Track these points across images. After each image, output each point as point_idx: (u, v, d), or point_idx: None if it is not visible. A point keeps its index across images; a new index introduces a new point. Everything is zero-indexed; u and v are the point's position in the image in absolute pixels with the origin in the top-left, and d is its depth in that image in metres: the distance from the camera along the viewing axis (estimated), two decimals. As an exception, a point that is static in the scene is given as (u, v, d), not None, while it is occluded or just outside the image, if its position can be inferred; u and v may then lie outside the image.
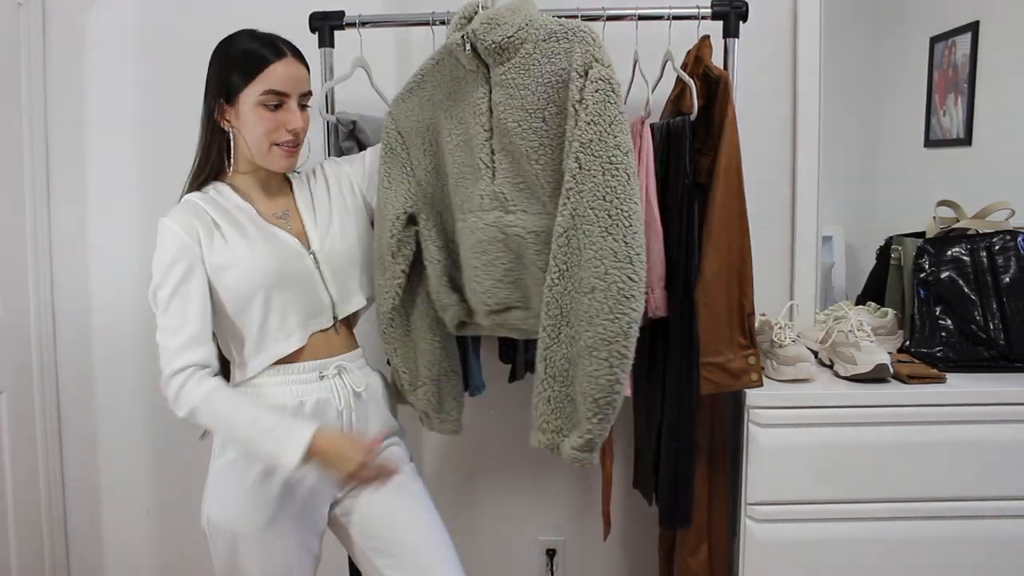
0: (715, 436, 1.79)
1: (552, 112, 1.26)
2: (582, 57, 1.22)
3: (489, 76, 1.30)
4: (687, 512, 1.72)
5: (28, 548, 2.05)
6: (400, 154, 1.44)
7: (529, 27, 1.27)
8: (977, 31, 2.09)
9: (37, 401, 2.09)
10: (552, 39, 1.25)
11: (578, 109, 1.21)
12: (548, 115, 1.26)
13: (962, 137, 2.14)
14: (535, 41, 1.26)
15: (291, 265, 1.38)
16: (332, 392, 1.39)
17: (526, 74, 1.26)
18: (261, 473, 1.34)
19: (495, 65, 1.29)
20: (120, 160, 2.10)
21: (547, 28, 1.26)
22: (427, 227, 1.44)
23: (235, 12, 2.02)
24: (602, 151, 1.20)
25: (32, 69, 2.03)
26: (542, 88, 1.25)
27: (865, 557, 1.67)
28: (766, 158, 1.97)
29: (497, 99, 1.29)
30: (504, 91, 1.28)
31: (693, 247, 1.63)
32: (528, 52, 1.26)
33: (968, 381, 1.70)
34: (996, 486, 1.64)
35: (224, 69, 1.38)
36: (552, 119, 1.26)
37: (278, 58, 1.36)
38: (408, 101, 1.43)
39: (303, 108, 1.39)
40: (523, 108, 1.27)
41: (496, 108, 1.29)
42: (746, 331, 1.63)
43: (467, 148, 1.33)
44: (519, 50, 1.27)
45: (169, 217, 1.36)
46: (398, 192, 1.43)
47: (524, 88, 1.26)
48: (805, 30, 1.95)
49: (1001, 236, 1.82)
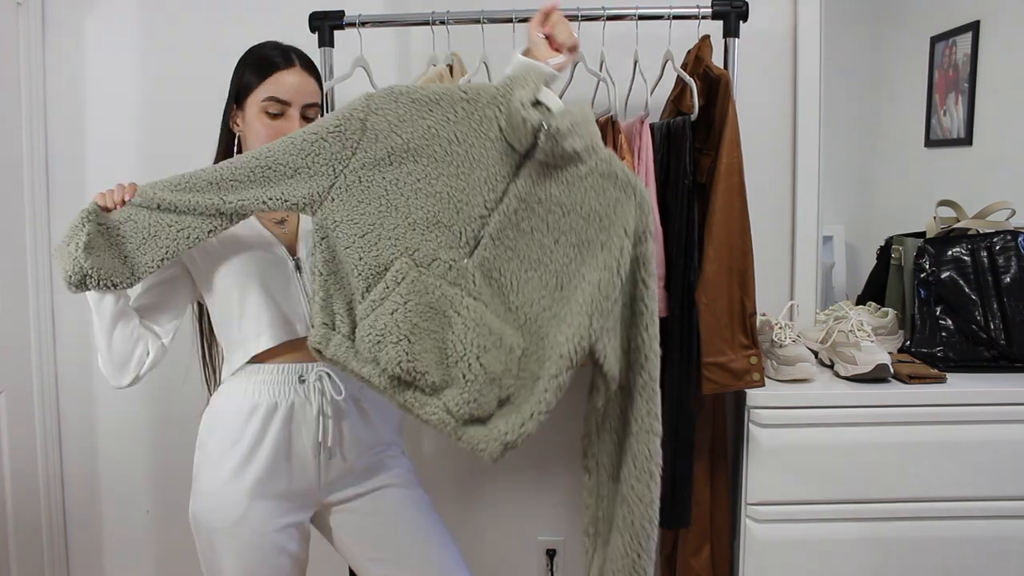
0: (716, 436, 1.80)
1: (570, 240, 1.19)
2: (637, 221, 1.18)
3: (523, 164, 1.21)
4: (686, 513, 1.71)
5: (28, 548, 2.05)
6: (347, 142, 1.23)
7: (595, 153, 1.20)
8: (978, 31, 2.09)
9: (37, 401, 2.09)
10: (609, 179, 1.19)
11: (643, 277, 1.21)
12: (563, 241, 1.19)
13: (962, 137, 2.14)
14: (592, 170, 1.19)
15: (268, 268, 1.38)
16: (310, 397, 1.39)
17: (567, 192, 1.19)
18: (234, 468, 1.35)
19: (540, 163, 1.19)
20: (119, 159, 2.10)
21: (610, 166, 1.19)
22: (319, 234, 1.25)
23: (235, 12, 2.02)
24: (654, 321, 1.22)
25: (32, 69, 2.03)
26: (575, 215, 1.19)
27: (865, 557, 1.67)
28: (766, 158, 1.97)
29: (522, 192, 1.20)
30: (535, 191, 1.19)
31: (693, 247, 1.63)
32: (580, 175, 1.19)
33: (968, 381, 1.70)
34: (996, 486, 1.64)
35: (238, 73, 1.41)
36: (565, 247, 1.20)
37: (285, 67, 1.37)
38: (402, 109, 1.24)
39: (308, 120, 1.38)
40: (544, 220, 1.19)
41: (515, 199, 1.20)
42: (748, 331, 1.63)
43: (447, 206, 1.21)
44: (573, 165, 1.19)
45: None
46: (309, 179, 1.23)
47: (556, 204, 1.19)
48: (805, 30, 1.95)
49: (1002, 236, 1.82)
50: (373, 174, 1.22)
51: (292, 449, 1.37)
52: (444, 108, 1.23)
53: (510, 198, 1.20)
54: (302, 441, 1.37)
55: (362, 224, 1.22)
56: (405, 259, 1.20)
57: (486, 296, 1.20)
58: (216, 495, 1.36)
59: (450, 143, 1.22)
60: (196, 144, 1.57)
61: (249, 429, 1.35)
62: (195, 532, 1.39)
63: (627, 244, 1.17)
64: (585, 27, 1.70)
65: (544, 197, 1.19)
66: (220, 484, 1.36)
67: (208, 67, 1.53)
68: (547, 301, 1.20)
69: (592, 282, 1.17)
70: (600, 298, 1.16)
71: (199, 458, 1.41)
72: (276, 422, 1.36)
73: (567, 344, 1.16)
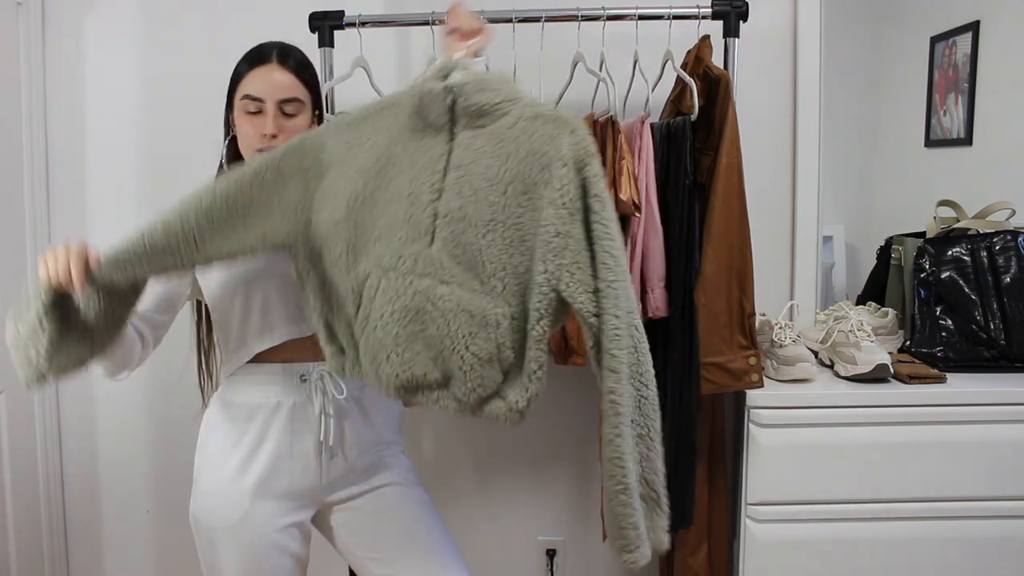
0: (715, 436, 1.80)
1: (516, 189, 1.17)
2: (573, 149, 1.15)
3: (453, 136, 1.22)
4: (688, 513, 1.72)
5: (28, 548, 2.05)
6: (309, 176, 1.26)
7: (516, 101, 1.21)
8: (978, 30, 2.09)
9: (37, 401, 2.09)
10: (540, 120, 1.19)
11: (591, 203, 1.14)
12: (510, 191, 1.17)
13: (962, 137, 2.14)
14: (518, 116, 1.20)
15: (275, 265, 1.38)
16: (312, 397, 1.39)
17: (499, 145, 1.19)
18: (236, 468, 1.35)
19: (465, 128, 1.22)
20: (120, 160, 2.10)
21: (535, 108, 1.20)
22: (305, 267, 1.27)
23: (235, 13, 2.02)
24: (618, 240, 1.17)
25: (32, 69, 2.03)
26: (514, 163, 1.17)
27: (865, 557, 1.67)
28: (766, 158, 1.97)
29: (457, 162, 1.20)
30: (468, 155, 1.20)
31: (693, 247, 1.63)
32: (508, 124, 1.19)
33: (968, 381, 1.70)
34: (996, 486, 1.64)
35: (232, 75, 1.41)
36: (513, 196, 1.17)
37: (259, 64, 1.37)
38: (342, 133, 1.28)
39: (288, 116, 1.38)
40: (485, 177, 1.18)
41: (453, 171, 1.20)
42: (747, 331, 1.63)
43: (403, 203, 1.21)
44: (498, 120, 1.20)
45: None
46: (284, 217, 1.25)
47: (493, 158, 1.18)
48: (805, 30, 1.95)
49: (1002, 236, 1.82)
50: (334, 199, 1.24)
51: (294, 449, 1.37)
52: (375, 119, 1.27)
53: (451, 172, 1.20)
54: (304, 441, 1.37)
55: (335, 248, 1.24)
56: (375, 270, 1.20)
57: (459, 276, 1.18)
58: (217, 495, 1.36)
59: (389, 146, 1.24)
60: (196, 144, 1.57)
61: (251, 429, 1.35)
62: (195, 532, 1.39)
63: (568, 172, 1.14)
64: (585, 27, 1.70)
65: (479, 156, 1.19)
66: (222, 484, 1.36)
67: (208, 67, 1.53)
68: (516, 259, 1.17)
69: (544, 221, 1.14)
70: (549, 236, 1.13)
71: (200, 458, 1.41)
72: (278, 422, 1.36)
73: (533, 298, 1.15)
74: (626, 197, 1.61)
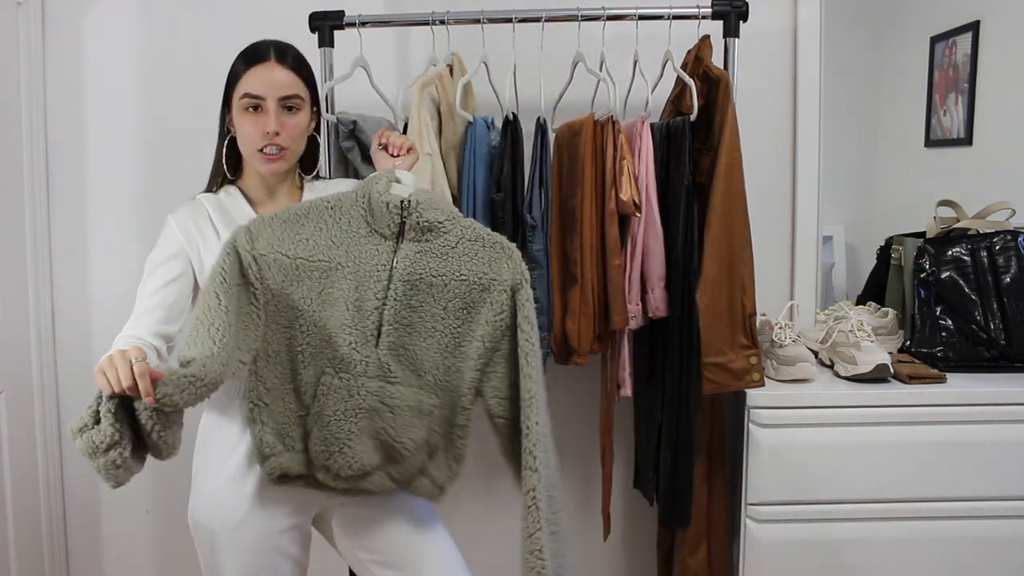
0: (715, 436, 1.80)
1: (457, 305, 1.33)
2: (511, 274, 1.33)
3: (398, 247, 1.32)
4: (686, 512, 1.72)
5: (28, 548, 2.05)
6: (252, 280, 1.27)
7: (457, 220, 1.34)
8: (978, 31, 2.09)
9: (37, 401, 2.09)
10: (478, 242, 1.33)
11: (520, 323, 1.32)
12: (451, 307, 1.33)
13: (962, 137, 2.14)
14: (459, 236, 1.33)
15: None
16: None
17: (442, 262, 1.32)
18: (235, 470, 1.35)
19: (410, 241, 1.32)
20: (119, 160, 2.10)
21: (474, 230, 1.34)
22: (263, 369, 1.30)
23: (235, 13, 2.02)
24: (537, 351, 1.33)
25: (32, 69, 2.03)
26: (455, 282, 1.32)
27: (865, 557, 1.67)
28: (766, 158, 1.97)
29: (403, 274, 1.31)
30: (414, 268, 1.31)
31: (693, 247, 1.63)
32: (450, 243, 1.32)
33: (968, 381, 1.70)
34: (996, 486, 1.64)
35: (228, 75, 1.41)
36: (453, 312, 1.33)
37: (258, 62, 1.37)
38: (277, 231, 1.29)
39: (290, 111, 1.38)
40: (429, 293, 1.32)
41: (400, 282, 1.31)
42: (747, 331, 1.63)
43: (350, 307, 1.30)
44: (441, 237, 1.32)
45: (172, 213, 1.42)
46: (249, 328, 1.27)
47: (435, 275, 1.32)
48: (805, 30, 1.95)
49: (1001, 236, 1.82)
50: (280, 299, 1.30)
51: None
52: (314, 219, 1.33)
53: (396, 283, 1.31)
54: None
55: (288, 347, 1.31)
56: (328, 369, 1.30)
57: (402, 376, 1.32)
58: (217, 498, 1.36)
59: (330, 248, 1.31)
60: (196, 144, 1.57)
61: (251, 431, 1.35)
62: (194, 533, 1.38)
63: (506, 297, 1.33)
64: (585, 27, 1.70)
65: (424, 272, 1.31)
66: (221, 484, 1.35)
67: (208, 67, 1.52)
68: (450, 361, 1.34)
69: (479, 336, 1.33)
70: (485, 350, 1.33)
71: (199, 459, 1.40)
72: None
73: (465, 396, 1.34)
74: (626, 197, 1.61)
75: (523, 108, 1.75)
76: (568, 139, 1.71)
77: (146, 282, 1.39)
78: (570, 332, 1.68)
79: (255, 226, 1.30)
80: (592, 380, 1.96)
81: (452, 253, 1.32)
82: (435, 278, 1.31)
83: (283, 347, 1.31)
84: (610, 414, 1.81)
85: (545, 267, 1.69)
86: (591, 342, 1.68)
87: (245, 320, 1.27)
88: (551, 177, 1.71)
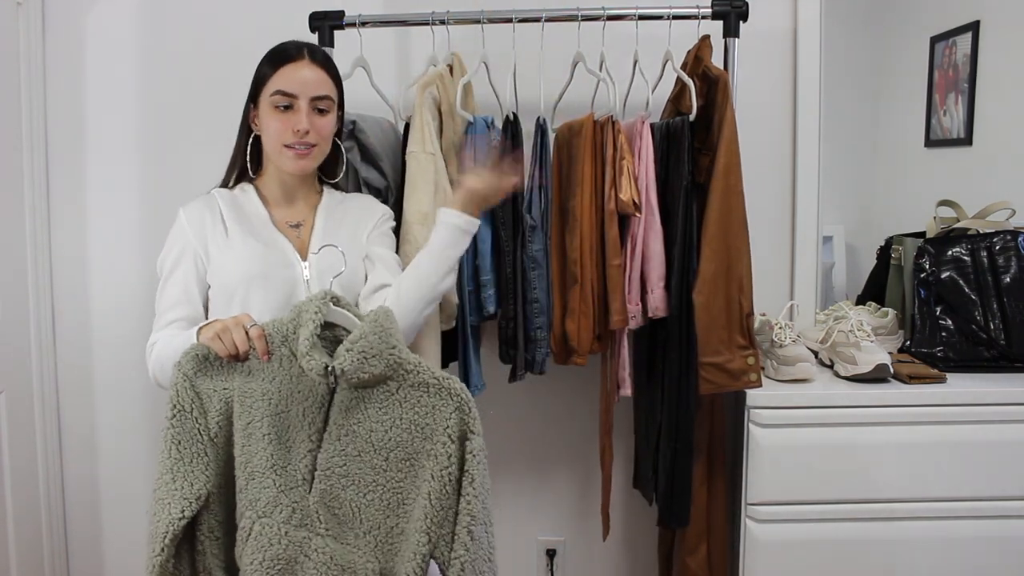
0: (715, 436, 1.80)
1: (398, 456, 1.21)
2: (458, 424, 1.20)
3: (334, 391, 1.23)
4: (685, 512, 1.71)
5: (28, 548, 2.05)
6: (195, 417, 1.21)
7: (399, 367, 1.21)
8: (978, 31, 2.09)
9: (37, 401, 2.09)
10: (421, 388, 1.21)
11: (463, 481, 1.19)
12: (392, 457, 1.21)
13: (962, 137, 2.14)
14: (400, 383, 1.22)
15: (277, 270, 1.39)
16: None
17: (383, 410, 1.21)
18: None
19: (348, 388, 1.22)
20: (119, 160, 2.10)
21: (418, 376, 1.21)
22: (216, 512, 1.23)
23: (235, 13, 2.02)
24: (486, 517, 1.22)
25: (32, 69, 2.03)
26: (397, 431, 1.21)
27: (865, 557, 1.67)
28: (766, 158, 1.97)
29: (339, 420, 1.21)
30: (351, 416, 1.21)
31: (692, 247, 1.63)
32: (390, 390, 1.22)
33: (968, 381, 1.70)
34: (996, 486, 1.64)
35: (256, 72, 1.42)
36: (395, 462, 1.21)
37: (291, 61, 1.38)
38: (214, 367, 1.23)
39: (321, 112, 1.39)
40: (368, 441, 1.21)
41: (335, 427, 1.21)
42: (745, 331, 1.63)
43: (278, 446, 1.21)
44: (381, 384, 1.22)
45: (183, 208, 1.44)
46: (196, 466, 1.20)
47: (376, 423, 1.21)
48: (805, 30, 1.94)
49: (1001, 236, 1.82)
50: (219, 434, 1.22)
51: None
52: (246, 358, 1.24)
53: (331, 427, 1.22)
54: None
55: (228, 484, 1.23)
56: (249, 513, 1.20)
57: (335, 529, 1.21)
58: None
59: (261, 383, 1.22)
60: (196, 144, 1.57)
61: None
62: None
63: (452, 449, 1.19)
64: (585, 27, 1.70)
65: (363, 419, 1.21)
66: None
67: (208, 67, 1.52)
68: (392, 520, 1.22)
69: (425, 494, 1.19)
70: (433, 510, 1.18)
71: None
72: None
73: (409, 564, 1.19)
74: (626, 197, 1.61)
75: (523, 108, 1.75)
76: (568, 139, 1.71)
77: (164, 290, 1.41)
78: (570, 332, 1.68)
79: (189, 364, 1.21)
80: (592, 380, 1.96)
81: (392, 400, 1.21)
82: (375, 425, 1.21)
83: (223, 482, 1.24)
84: (610, 414, 1.81)
85: (545, 267, 1.69)
86: (591, 342, 1.68)
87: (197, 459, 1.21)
88: (551, 177, 1.71)
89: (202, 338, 1.23)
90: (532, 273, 1.68)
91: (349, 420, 1.21)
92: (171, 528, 1.16)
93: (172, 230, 1.43)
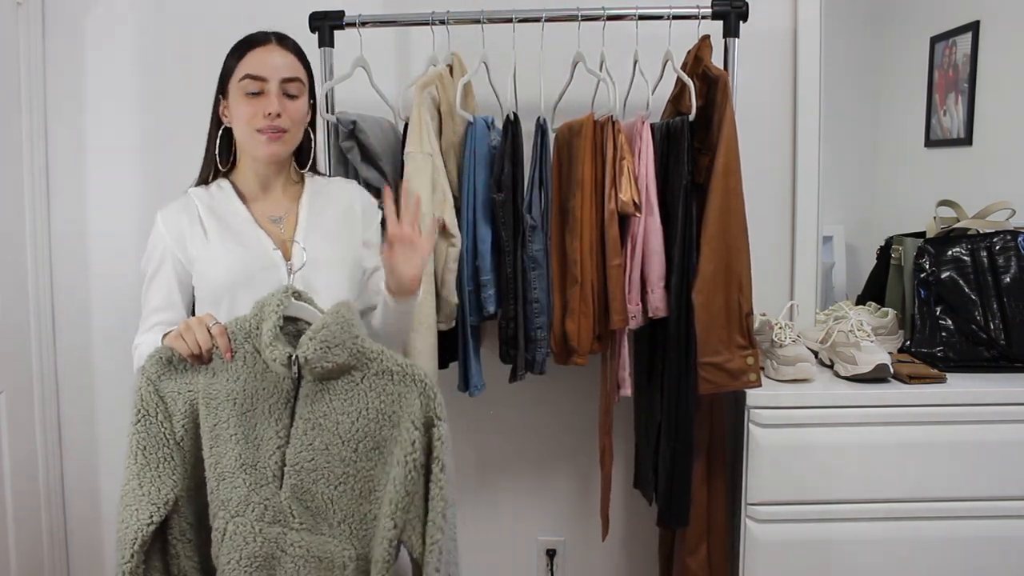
0: (714, 436, 1.80)
1: (367, 446, 1.21)
2: (423, 411, 1.20)
3: (299, 385, 1.22)
4: (684, 512, 1.71)
5: (28, 548, 2.05)
6: (160, 421, 1.23)
7: (362, 356, 1.20)
8: (978, 31, 2.09)
9: (37, 401, 2.09)
10: (385, 376, 1.21)
11: (433, 467, 1.20)
12: (361, 447, 1.21)
13: (962, 137, 2.14)
14: (364, 371, 1.21)
15: (260, 272, 1.37)
16: None
17: (347, 401, 1.20)
18: None
19: (312, 380, 1.21)
20: (119, 159, 2.10)
21: (382, 364, 1.21)
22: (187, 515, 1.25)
23: (235, 12, 2.02)
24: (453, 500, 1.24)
25: (32, 69, 2.03)
26: (364, 421, 1.20)
27: (865, 557, 1.67)
28: (766, 158, 1.97)
29: (305, 413, 1.21)
30: (317, 408, 1.21)
31: (692, 247, 1.63)
32: (354, 380, 1.21)
33: (968, 381, 1.70)
34: (996, 486, 1.64)
35: (224, 63, 1.41)
36: (364, 452, 1.21)
37: (258, 45, 1.38)
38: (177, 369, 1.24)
39: (291, 97, 1.37)
40: (336, 433, 1.20)
41: (302, 421, 1.21)
42: (744, 331, 1.63)
43: (247, 445, 1.21)
44: (344, 375, 1.21)
45: (160, 211, 1.42)
46: (163, 471, 1.22)
47: (342, 414, 1.20)
48: (805, 30, 1.94)
49: (1001, 236, 1.82)
50: (185, 437, 1.24)
51: None
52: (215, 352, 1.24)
53: (297, 421, 1.21)
54: None
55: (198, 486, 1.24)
56: (222, 513, 1.21)
57: (309, 522, 1.21)
58: None
59: (226, 383, 1.22)
60: (196, 144, 1.56)
61: None
62: None
63: (417, 435, 1.19)
64: (585, 27, 1.70)
65: (329, 411, 1.21)
66: None
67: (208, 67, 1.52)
68: (365, 508, 1.22)
69: (393, 479, 1.19)
70: (398, 496, 1.18)
71: None
72: None
73: (378, 549, 1.20)
74: (626, 197, 1.61)
75: (523, 108, 1.75)
76: (568, 139, 1.71)
77: (147, 292, 1.41)
78: (570, 332, 1.68)
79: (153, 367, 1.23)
80: (592, 380, 1.96)
81: (357, 390, 1.20)
82: (341, 416, 1.20)
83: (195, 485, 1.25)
84: (610, 414, 1.81)
85: (545, 267, 1.69)
86: (591, 342, 1.68)
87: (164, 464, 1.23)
88: (551, 177, 1.71)
89: (166, 340, 1.23)
90: (532, 273, 1.68)
91: (315, 413, 1.21)
92: (140, 534, 1.18)
93: (151, 234, 1.41)
